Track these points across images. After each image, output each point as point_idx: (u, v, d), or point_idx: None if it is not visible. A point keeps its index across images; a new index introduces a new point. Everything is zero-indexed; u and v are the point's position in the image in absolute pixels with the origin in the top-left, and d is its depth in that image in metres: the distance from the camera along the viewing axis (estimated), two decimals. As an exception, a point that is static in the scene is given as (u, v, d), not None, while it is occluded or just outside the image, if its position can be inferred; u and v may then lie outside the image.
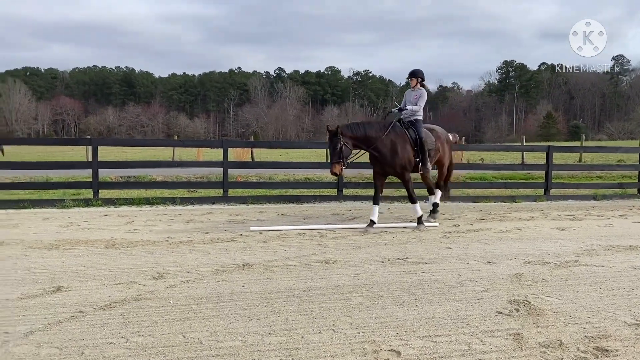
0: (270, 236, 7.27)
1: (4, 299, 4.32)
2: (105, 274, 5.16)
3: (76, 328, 3.68)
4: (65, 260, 5.69)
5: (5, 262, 5.62)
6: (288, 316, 3.96)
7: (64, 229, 7.63)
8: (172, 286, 4.74)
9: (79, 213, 9.23)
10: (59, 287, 4.67)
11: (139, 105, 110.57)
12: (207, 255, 6.04)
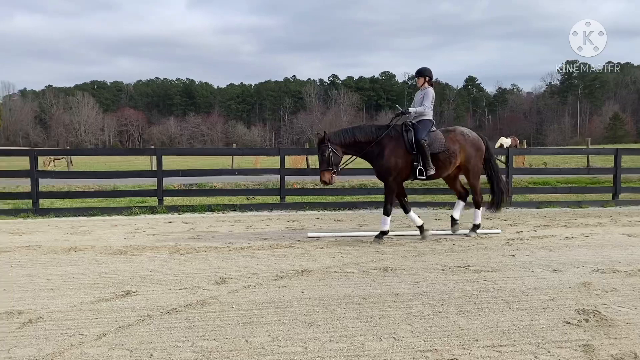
0: (327, 243, 7.31)
1: (78, 302, 4.55)
2: (171, 278, 5.34)
3: (145, 331, 3.83)
4: (133, 266, 5.93)
5: (79, 266, 5.92)
6: (348, 323, 3.97)
7: (131, 235, 7.96)
8: (234, 291, 4.85)
9: (145, 220, 9.60)
10: (128, 291, 4.88)
11: (198, 115, 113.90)
12: (267, 261, 6.15)
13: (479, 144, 7.86)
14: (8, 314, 4.25)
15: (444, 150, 7.52)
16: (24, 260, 6.31)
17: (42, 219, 9.81)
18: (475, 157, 7.77)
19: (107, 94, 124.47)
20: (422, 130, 7.48)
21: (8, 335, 3.79)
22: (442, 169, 7.62)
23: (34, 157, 10.40)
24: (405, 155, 7.41)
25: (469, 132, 7.93)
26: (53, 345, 3.57)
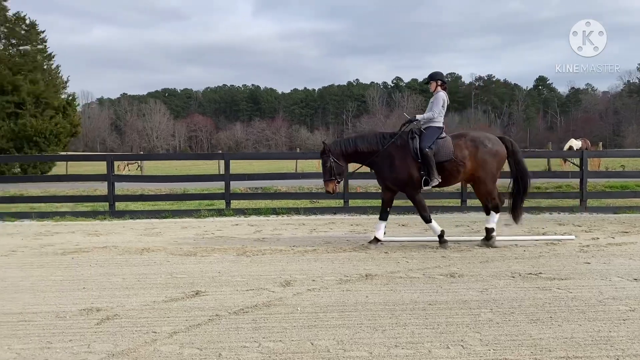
0: (391, 247, 7.24)
1: (151, 301, 4.75)
2: (238, 280, 5.47)
3: (213, 331, 3.94)
4: (202, 267, 6.12)
5: (151, 267, 6.18)
6: (414, 329, 3.91)
7: (201, 237, 8.23)
8: (299, 294, 4.90)
9: (213, 222, 9.89)
10: (197, 291, 5.04)
11: (263, 121, 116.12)
12: (331, 264, 6.16)
13: (496, 150, 7.29)
14: (87, 311, 4.49)
15: (451, 158, 7.14)
16: (102, 259, 6.65)
17: (117, 221, 10.32)
18: (491, 164, 7.23)
19: (178, 101, 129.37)
20: (428, 138, 7.19)
21: (88, 330, 4.00)
22: (450, 178, 7.32)
23: (110, 161, 10.98)
24: (411, 164, 7.20)
25: (484, 138, 7.42)
26: (128, 342, 3.74)
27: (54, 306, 4.66)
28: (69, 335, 3.90)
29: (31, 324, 4.19)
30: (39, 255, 7.05)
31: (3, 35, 28.59)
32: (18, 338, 3.87)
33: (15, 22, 28.42)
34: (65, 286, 5.37)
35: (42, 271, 6.08)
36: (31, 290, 5.25)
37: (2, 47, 28.46)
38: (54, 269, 6.20)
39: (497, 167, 7.36)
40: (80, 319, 4.30)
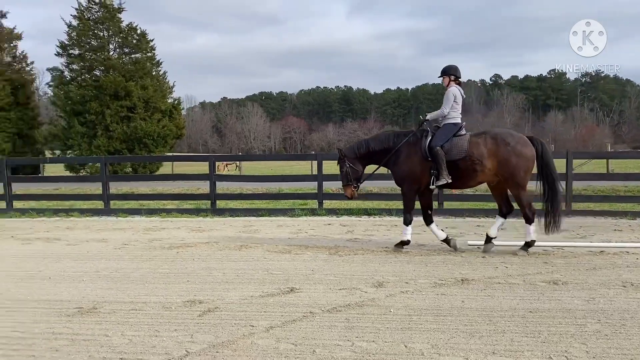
0: (489, 251, 6.97)
1: (249, 296, 4.94)
2: (331, 279, 5.54)
3: (308, 327, 4.02)
4: (297, 264, 6.27)
5: (249, 263, 6.43)
6: (513, 337, 3.74)
7: (295, 236, 8.42)
8: (392, 295, 4.87)
9: (306, 221, 10.08)
10: (292, 288, 5.17)
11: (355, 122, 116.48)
12: (425, 267, 6.06)
13: (521, 150, 6.68)
14: (191, 303, 4.76)
15: (465, 157, 6.74)
16: (204, 254, 7.02)
17: (218, 218, 10.84)
18: (516, 165, 6.62)
19: (274, 104, 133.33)
20: (442, 136, 6.89)
21: (191, 321, 4.24)
22: (464, 178, 6.89)
23: (212, 162, 11.57)
24: (421, 163, 6.94)
25: (507, 135, 6.86)
26: (228, 334, 3.92)
27: (161, 297, 4.99)
28: (174, 325, 4.16)
29: (141, 313, 4.51)
30: (147, 249, 7.58)
31: (117, 44, 31.04)
32: (130, 325, 4.19)
33: (128, 32, 30.74)
34: (171, 279, 5.73)
35: (151, 264, 6.53)
36: (141, 281, 5.66)
37: (117, 55, 30.89)
38: (161, 262, 6.64)
39: (524, 169, 6.69)
40: (184, 310, 4.57)
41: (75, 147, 28.98)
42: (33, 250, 7.65)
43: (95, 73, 30.51)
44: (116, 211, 11.65)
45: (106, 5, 30.31)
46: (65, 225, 10.36)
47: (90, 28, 30.25)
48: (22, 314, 4.58)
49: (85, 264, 6.65)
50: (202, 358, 3.50)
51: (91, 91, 29.21)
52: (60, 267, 6.50)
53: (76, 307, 4.74)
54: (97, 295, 5.11)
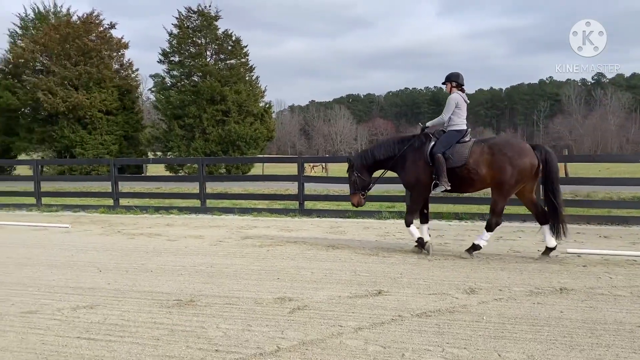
0: (590, 260, 6.54)
1: (337, 296, 4.99)
2: (420, 283, 5.45)
3: (397, 331, 3.98)
4: (384, 267, 6.24)
5: (336, 263, 6.48)
6: (618, 352, 3.49)
7: (382, 238, 8.39)
8: (485, 302, 4.70)
9: (394, 224, 10.00)
10: (380, 290, 5.15)
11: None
12: (520, 275, 5.80)
13: (518, 158, 6.62)
14: (281, 300, 4.88)
15: (464, 164, 6.79)
16: (293, 253, 7.18)
17: (306, 219, 11.03)
18: (510, 174, 6.59)
19: (361, 106, 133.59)
20: (444, 142, 6.98)
21: (282, 318, 4.35)
22: (463, 185, 6.98)
23: (301, 164, 11.80)
24: (425, 168, 7.03)
25: (505, 144, 6.88)
26: (317, 332, 3.98)
27: (253, 293, 5.16)
28: (265, 321, 4.28)
29: (234, 307, 4.70)
30: (240, 246, 7.87)
31: (214, 51, 32.54)
32: (224, 319, 4.37)
33: (224, 39, 32.16)
34: (262, 276, 5.91)
35: (243, 261, 6.78)
36: (234, 277, 5.89)
37: (213, 62, 32.39)
38: (253, 259, 6.87)
39: (516, 177, 6.64)
40: (275, 306, 4.69)
41: (174, 149, 30.77)
42: (136, 245, 8.20)
43: (193, 79, 32.21)
44: (211, 210, 12.20)
45: (204, 13, 31.90)
46: (166, 222, 11.01)
47: (189, 36, 32.00)
48: (127, 303, 4.93)
49: (184, 258, 7.02)
50: (292, 354, 3.58)
51: (190, 96, 30.87)
52: (160, 261, 6.92)
53: (175, 299, 5.02)
54: (195, 289, 5.38)
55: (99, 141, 31.04)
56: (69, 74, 30.43)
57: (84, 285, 5.63)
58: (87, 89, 30.77)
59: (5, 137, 32.50)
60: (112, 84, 31.84)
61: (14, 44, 34.26)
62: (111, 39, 33.14)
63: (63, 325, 4.31)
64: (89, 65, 30.88)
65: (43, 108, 30.04)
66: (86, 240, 8.81)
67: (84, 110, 30.31)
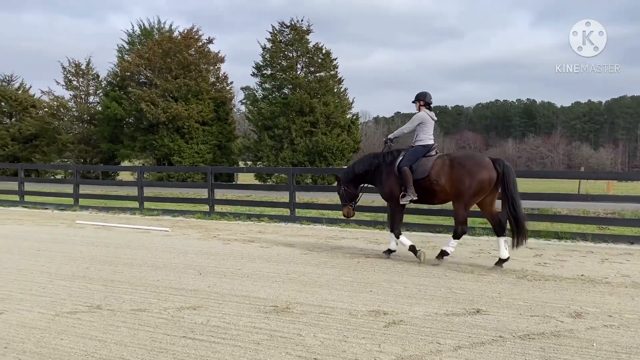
0: None
1: (433, 312, 4.89)
2: (520, 303, 5.23)
3: (499, 352, 3.84)
4: (481, 285, 6.04)
5: (430, 279, 6.37)
6: None
7: (476, 255, 8.13)
8: (594, 328, 4.42)
9: (488, 241, 9.65)
10: (478, 309, 4.99)
11: (538, 137, 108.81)
12: (631, 301, 5.39)
13: (476, 171, 7.09)
14: (375, 313, 4.87)
15: (426, 176, 7.40)
16: (384, 266, 7.14)
17: (395, 232, 10.93)
18: (469, 185, 7.08)
19: (448, 118, 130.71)
20: (410, 157, 7.64)
21: (377, 331, 4.34)
22: (428, 196, 7.59)
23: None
24: (396, 180, 7.67)
25: (464, 158, 7.45)
26: (414, 348, 3.92)
27: (347, 304, 5.19)
28: (361, 333, 4.29)
29: (329, 317, 4.75)
30: (330, 256, 7.95)
31: (304, 64, 33.29)
32: (320, 328, 4.43)
33: (314, 52, 32.81)
34: (355, 287, 5.93)
35: (334, 271, 6.84)
36: (327, 286, 5.95)
37: (303, 74, 33.12)
38: (344, 270, 6.91)
39: (474, 188, 7.10)
40: (369, 319, 4.69)
41: (264, 159, 31.73)
42: (232, 250, 8.52)
43: (283, 91, 33.11)
44: (300, 219, 12.43)
45: (296, 28, 32.75)
46: (257, 229, 11.35)
47: (281, 50, 32.97)
48: (227, 306, 5.13)
49: (277, 265, 7.21)
50: (391, 368, 3.55)
51: (279, 108, 31.76)
52: (255, 266, 7.14)
53: (272, 305, 5.15)
54: (289, 296, 5.50)
55: (195, 150, 32.66)
56: (170, 87, 32.34)
57: (187, 287, 5.93)
58: (186, 101, 32.53)
59: (111, 144, 35.07)
60: (208, 96, 33.45)
61: (121, 58, 37.05)
62: (209, 53, 34.87)
63: (169, 324, 4.57)
64: (188, 78, 32.65)
65: (145, 118, 32.09)
66: (185, 243, 9.28)
67: (182, 120, 32.05)
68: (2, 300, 5.32)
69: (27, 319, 4.69)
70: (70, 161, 36.89)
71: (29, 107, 40.38)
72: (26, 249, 8.57)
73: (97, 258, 7.77)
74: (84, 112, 37.63)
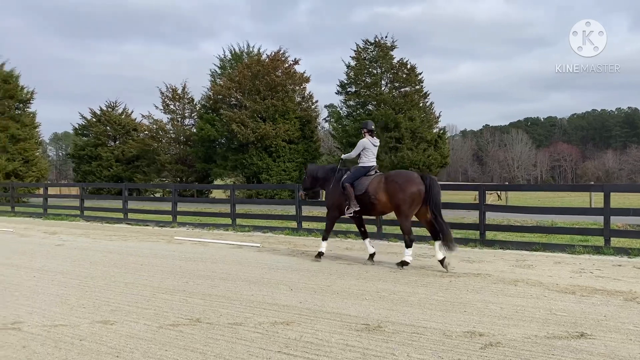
0: None
1: (532, 335, 4.67)
2: (630, 328, 4.87)
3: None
4: (584, 307, 5.69)
5: (527, 299, 6.09)
6: None
7: (577, 275, 7.66)
8: None
9: (589, 260, 9.08)
10: (582, 333, 4.71)
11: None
12: None
13: (406, 186, 8.29)
14: (470, 334, 4.73)
15: (364, 192, 8.70)
16: (477, 286, 6.92)
17: (487, 250, 10.56)
18: (402, 198, 8.27)
19: (540, 130, 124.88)
20: (352, 175, 9.00)
21: (473, 353, 4.21)
22: (368, 208, 8.89)
23: (482, 191, 11.38)
24: (341, 195, 9.06)
25: (396, 175, 8.75)
26: (514, 372, 3.76)
27: (440, 324, 5.08)
28: (457, 354, 4.18)
29: (423, 337, 4.67)
30: (421, 274, 7.83)
31: (389, 80, 33.31)
32: (414, 348, 4.37)
33: (399, 68, 32.75)
34: (448, 307, 5.79)
35: (426, 290, 6.72)
36: (418, 306, 5.87)
37: (388, 90, 33.13)
38: (435, 289, 6.78)
39: (409, 201, 8.26)
40: (464, 340, 4.56)
41: (349, 175, 31.93)
42: (320, 267, 8.64)
43: (368, 108, 33.25)
44: (387, 235, 12.35)
45: (380, 44, 32.90)
46: (344, 246, 11.42)
47: (365, 67, 33.22)
48: (319, 323, 5.20)
49: (366, 283, 7.21)
50: (490, 393, 3.43)
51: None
52: (344, 283, 7.19)
53: (363, 323, 5.16)
54: (380, 315, 5.48)
55: (282, 168, 33.52)
56: (259, 107, 33.54)
57: (279, 302, 6.08)
58: (273, 120, 33.57)
59: (205, 164, 36.86)
60: (294, 115, 34.31)
61: (214, 82, 39.00)
62: (295, 74, 35.83)
63: (264, 338, 4.71)
64: (275, 99, 33.70)
65: (236, 138, 33.43)
66: (275, 259, 9.54)
67: (270, 139, 33.07)
68: (113, 312, 5.74)
69: (135, 330, 5.02)
70: (168, 180, 39.16)
71: (131, 131, 43.50)
72: (131, 263, 9.19)
73: (195, 272, 8.18)
74: (180, 134, 39.90)
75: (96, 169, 41.55)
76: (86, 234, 14.32)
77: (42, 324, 5.26)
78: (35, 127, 37.11)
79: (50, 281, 7.56)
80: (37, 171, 35.63)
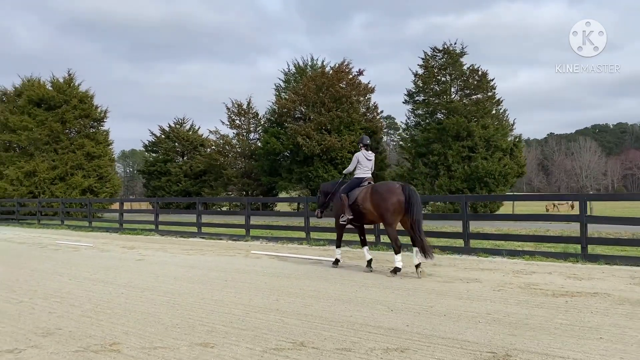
0: None
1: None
2: None
3: None
4: None
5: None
6: None
7: None
8: None
9: None
10: None
11: None
12: None
13: (387, 196, 8.85)
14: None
15: (354, 202, 9.39)
16: (601, 307, 6.13)
17: (591, 265, 9.64)
18: (385, 208, 8.84)
19: (610, 137, 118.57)
20: (347, 186, 9.75)
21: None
22: (359, 217, 9.52)
23: (583, 202, 10.43)
24: (339, 203, 9.77)
25: (379, 186, 9.28)
26: None
27: (579, 353, 4.42)
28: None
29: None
30: (528, 294, 7.09)
31: (459, 87, 32.26)
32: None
33: (470, 75, 31.65)
34: (577, 332, 5.10)
35: (543, 312, 6.02)
36: (542, 330, 5.23)
37: (458, 98, 32.08)
38: (553, 311, 6.06)
39: (391, 210, 8.77)
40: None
41: (419, 186, 31.01)
42: (414, 285, 8.04)
43: (437, 116, 32.31)
44: (475, 250, 11.58)
45: (449, 51, 31.97)
46: (432, 262, 10.73)
47: (434, 75, 32.35)
48: (437, 350, 4.65)
49: (471, 303, 6.57)
50: None
51: (434, 134, 30.94)
52: (447, 304, 6.58)
53: (488, 351, 4.57)
54: (504, 341, 4.86)
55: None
56: (324, 120, 33.37)
57: (383, 325, 5.57)
58: (338, 132, 33.30)
59: (270, 177, 37.04)
60: (359, 126, 33.90)
61: (279, 96, 39.27)
62: (359, 85, 35.49)
63: (381, 367, 4.20)
64: (340, 110, 33.45)
65: (301, 151, 33.37)
66: (362, 275, 9.04)
67: (335, 151, 32.79)
68: (209, 333, 5.41)
69: (238, 355, 4.65)
70: (234, 194, 39.63)
71: (198, 146, 44.50)
72: (215, 279, 8.95)
73: (282, 289, 7.80)
74: (245, 148, 40.37)
75: (165, 184, 42.71)
76: (163, 249, 14.36)
77: (140, 345, 4.99)
78: (108, 144, 38.63)
79: (138, 298, 7.39)
80: (110, 187, 36.99)
